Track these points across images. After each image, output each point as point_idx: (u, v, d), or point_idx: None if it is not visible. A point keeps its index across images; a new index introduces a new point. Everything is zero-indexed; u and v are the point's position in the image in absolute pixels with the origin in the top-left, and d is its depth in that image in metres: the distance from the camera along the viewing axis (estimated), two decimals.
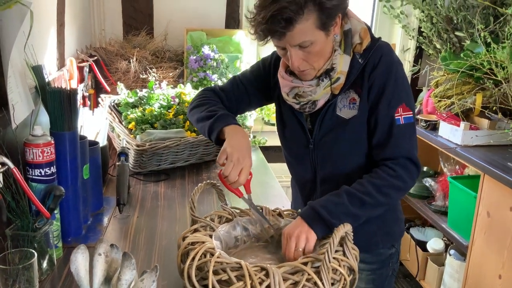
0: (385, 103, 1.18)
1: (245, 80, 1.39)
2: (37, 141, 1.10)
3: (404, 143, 1.19)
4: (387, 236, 1.35)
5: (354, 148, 1.25)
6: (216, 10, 2.56)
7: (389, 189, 1.15)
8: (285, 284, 0.93)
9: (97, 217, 1.43)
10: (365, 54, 1.19)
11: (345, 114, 1.23)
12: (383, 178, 1.15)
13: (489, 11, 2.57)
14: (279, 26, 1.07)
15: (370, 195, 1.13)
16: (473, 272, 2.14)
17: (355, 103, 1.21)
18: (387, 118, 1.18)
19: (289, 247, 1.08)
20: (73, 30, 2.04)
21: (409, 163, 1.18)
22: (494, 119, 2.28)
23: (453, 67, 2.38)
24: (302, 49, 1.13)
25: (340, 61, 1.18)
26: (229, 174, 1.11)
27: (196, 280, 0.96)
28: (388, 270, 1.38)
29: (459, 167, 2.62)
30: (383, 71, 1.18)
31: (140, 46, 2.31)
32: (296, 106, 1.26)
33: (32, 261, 0.97)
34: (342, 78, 1.19)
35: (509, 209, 1.89)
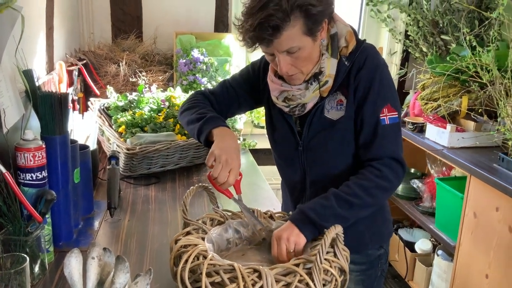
0: (370, 103, 1.20)
1: (234, 84, 1.41)
2: (28, 146, 1.10)
3: (389, 143, 1.21)
4: (375, 237, 1.37)
5: (342, 148, 1.27)
6: (205, 14, 2.57)
7: (376, 190, 1.17)
8: (277, 285, 0.94)
9: (87, 221, 1.43)
10: (351, 56, 1.22)
11: (333, 115, 1.25)
12: (370, 179, 1.17)
13: (474, 15, 2.61)
14: (267, 34, 1.09)
15: (357, 197, 1.15)
16: (461, 272, 2.18)
17: (342, 104, 1.24)
18: (373, 118, 1.21)
19: (280, 249, 1.09)
20: (62, 33, 2.03)
21: (395, 163, 1.20)
22: (480, 121, 2.32)
23: (440, 70, 2.42)
24: (290, 54, 1.15)
25: (328, 65, 1.21)
26: (218, 176, 1.12)
27: (189, 282, 0.97)
28: (377, 271, 1.39)
29: (446, 168, 2.66)
30: (369, 72, 1.21)
31: (129, 50, 2.31)
32: (286, 109, 1.28)
33: (24, 266, 0.96)
34: (330, 81, 1.22)
35: (495, 210, 1.92)
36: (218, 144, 1.17)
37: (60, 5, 1.98)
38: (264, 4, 1.07)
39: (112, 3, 2.44)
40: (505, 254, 1.87)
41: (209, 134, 1.23)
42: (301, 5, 1.08)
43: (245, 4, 1.13)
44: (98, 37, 2.44)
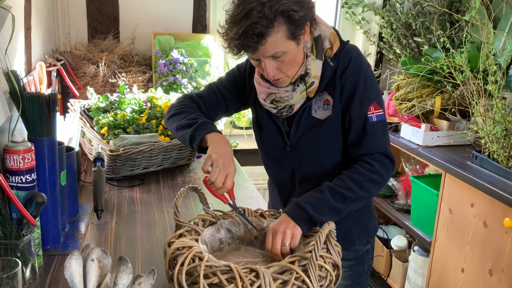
0: (357, 102, 1.24)
1: (221, 87, 1.42)
2: (18, 148, 1.07)
3: (378, 139, 1.25)
4: (363, 233, 1.40)
5: (330, 147, 1.30)
6: (183, 15, 2.56)
7: (368, 183, 1.20)
8: (275, 283, 0.96)
9: (74, 224, 1.41)
10: (335, 57, 1.26)
11: (320, 115, 1.28)
12: (362, 173, 1.20)
13: (445, 18, 2.70)
14: (252, 41, 1.11)
15: (351, 190, 1.18)
16: (437, 267, 2.25)
17: (329, 104, 1.27)
18: (361, 116, 1.24)
19: (276, 242, 1.10)
20: (39, 34, 1.99)
21: (385, 158, 1.24)
22: (453, 120, 2.40)
23: (413, 71, 2.49)
24: (275, 59, 1.17)
25: (314, 66, 1.24)
26: (215, 180, 1.12)
27: (186, 284, 0.97)
28: (365, 266, 1.43)
29: (420, 166, 2.73)
30: (353, 73, 1.24)
31: (107, 50, 2.27)
32: (274, 110, 1.31)
33: (17, 270, 0.95)
34: (316, 82, 1.25)
35: (470, 205, 1.99)
36: (215, 149, 1.17)
37: (36, 5, 1.93)
38: (248, 12, 1.09)
39: (88, 3, 2.40)
40: (480, 248, 1.94)
41: (203, 139, 1.23)
42: (284, 11, 1.10)
43: (227, 12, 1.15)
44: (74, 38, 2.40)
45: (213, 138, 1.21)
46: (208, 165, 1.14)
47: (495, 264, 1.86)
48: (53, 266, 1.18)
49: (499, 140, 1.95)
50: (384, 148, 1.25)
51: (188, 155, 1.93)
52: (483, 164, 2.04)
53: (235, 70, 1.43)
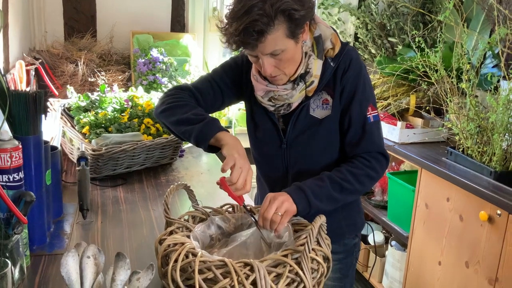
0: (357, 104, 1.27)
1: (218, 79, 1.39)
2: (5, 146, 1.05)
3: (375, 138, 1.29)
4: (351, 227, 1.44)
5: (327, 146, 1.32)
6: (161, 14, 2.55)
7: (364, 178, 1.25)
8: (269, 276, 0.97)
9: (58, 224, 1.39)
10: (336, 58, 1.27)
11: (319, 114, 1.30)
12: (360, 168, 1.25)
13: (418, 18, 2.78)
14: (251, 38, 1.11)
15: (348, 182, 1.22)
16: (414, 261, 2.31)
17: (328, 103, 1.29)
18: (360, 117, 1.27)
19: (270, 208, 1.11)
20: (16, 32, 1.95)
21: (381, 156, 1.28)
22: (428, 118, 2.47)
23: (389, 71, 2.55)
24: (274, 56, 1.18)
25: (315, 66, 1.25)
26: (237, 182, 1.11)
27: (181, 280, 0.97)
28: (353, 259, 1.46)
29: (395, 163, 2.80)
30: (354, 74, 1.27)
31: (85, 49, 2.24)
32: (271, 108, 1.31)
33: (6, 270, 0.93)
34: (316, 81, 1.26)
35: (446, 200, 2.06)
36: (235, 149, 1.15)
37: (12, 2, 1.89)
38: (248, 8, 1.09)
39: (64, 1, 2.36)
40: (457, 241, 2.01)
41: (214, 137, 1.20)
42: (285, 10, 1.11)
43: (228, 7, 1.14)
44: (51, 36, 2.35)
45: (229, 138, 1.19)
46: (229, 165, 1.12)
47: (471, 256, 1.93)
48: (40, 266, 1.16)
49: (472, 136, 2.02)
50: (380, 147, 1.30)
51: (170, 154, 1.93)
52: (457, 159, 2.11)
53: (231, 63, 1.42)
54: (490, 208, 1.81)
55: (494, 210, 1.79)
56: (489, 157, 1.95)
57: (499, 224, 1.78)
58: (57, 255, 1.21)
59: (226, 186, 1.13)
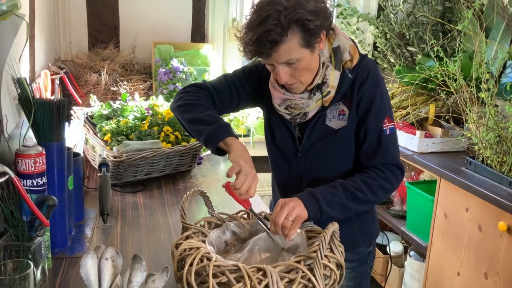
0: (373, 116, 1.28)
1: (237, 82, 1.41)
2: (29, 152, 1.10)
3: (391, 151, 1.30)
4: (365, 236, 1.44)
5: (342, 156, 1.34)
6: (182, 24, 2.61)
7: (378, 189, 1.25)
8: (281, 282, 0.99)
9: (79, 228, 1.43)
10: (354, 69, 1.28)
11: (335, 124, 1.32)
12: (375, 178, 1.25)
13: (438, 28, 2.77)
14: (265, 48, 1.14)
15: (362, 192, 1.23)
16: (433, 271, 2.28)
17: (345, 114, 1.30)
18: (376, 129, 1.28)
19: (281, 213, 1.13)
20: (42, 42, 2.02)
21: (396, 169, 1.29)
22: (447, 127, 2.45)
23: (408, 80, 2.55)
24: (289, 65, 1.20)
25: (332, 76, 1.26)
26: (241, 187, 1.14)
27: (196, 284, 0.99)
28: (367, 267, 1.46)
29: (415, 173, 2.78)
30: (371, 86, 1.28)
31: (108, 59, 2.31)
32: (288, 116, 1.33)
33: (29, 271, 0.97)
34: (332, 91, 1.28)
35: (465, 210, 2.04)
36: (241, 156, 1.18)
37: (39, 14, 1.97)
38: (264, 19, 1.12)
39: (88, 13, 2.44)
40: (476, 252, 1.99)
41: (223, 141, 1.23)
42: (298, 20, 1.13)
43: (246, 17, 1.18)
44: (75, 47, 2.43)
45: (237, 144, 1.22)
46: (235, 171, 1.15)
47: (490, 267, 1.90)
48: (61, 268, 1.20)
49: (492, 146, 2.01)
50: (396, 160, 1.30)
51: (189, 161, 1.96)
52: (477, 169, 2.09)
53: (252, 67, 1.43)
54: (510, 219, 1.79)
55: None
56: (509, 167, 1.93)
57: None
58: (78, 258, 1.24)
59: (230, 191, 1.17)
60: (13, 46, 1.28)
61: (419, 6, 2.82)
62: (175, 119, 1.96)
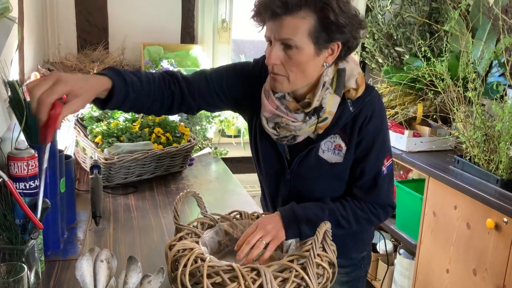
0: (373, 156, 1.21)
1: (215, 79, 1.26)
2: (22, 155, 1.10)
3: (386, 191, 1.25)
4: (358, 244, 1.42)
5: (334, 184, 1.29)
6: (171, 25, 2.60)
7: (365, 221, 1.24)
8: (275, 281, 1.00)
9: (72, 231, 1.43)
10: (357, 102, 1.17)
11: (328, 157, 1.23)
12: (365, 212, 1.23)
13: (425, 28, 2.81)
14: (274, 5, 1.04)
15: (347, 221, 1.21)
16: (423, 269, 2.31)
17: (341, 150, 1.22)
18: (374, 169, 1.22)
19: (254, 235, 1.11)
20: (31, 44, 2.01)
21: (389, 208, 1.27)
22: (435, 126, 2.49)
23: (396, 80, 2.57)
24: (285, 49, 1.09)
25: (330, 102, 1.15)
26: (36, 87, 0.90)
27: (190, 285, 1.00)
28: (361, 272, 1.45)
29: (403, 172, 2.81)
30: (375, 128, 1.19)
31: (98, 61, 2.30)
32: (274, 136, 1.23)
33: (23, 274, 0.97)
34: (329, 118, 1.17)
35: (453, 208, 2.07)
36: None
37: (27, 15, 1.96)
38: None
39: (77, 14, 2.42)
40: (464, 249, 2.02)
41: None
42: (321, 0, 1.03)
43: None
44: (64, 48, 2.42)
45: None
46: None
47: (479, 264, 1.93)
48: (55, 271, 1.20)
49: (479, 145, 2.04)
50: (389, 199, 1.26)
51: (180, 162, 1.97)
52: (464, 168, 2.13)
53: (237, 68, 1.30)
54: (497, 216, 1.82)
55: (501, 218, 1.80)
56: (496, 165, 1.96)
57: (506, 232, 1.79)
58: (71, 261, 1.25)
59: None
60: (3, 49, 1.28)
61: (406, 6, 2.85)
62: (166, 121, 1.96)
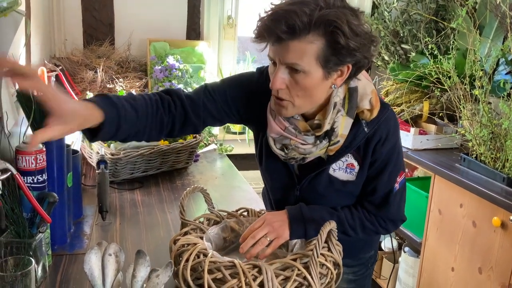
0: (386, 175, 1.18)
1: (218, 92, 1.20)
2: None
3: (398, 207, 1.23)
4: (367, 245, 1.42)
5: (344, 199, 1.25)
6: (177, 22, 2.60)
7: (372, 232, 1.24)
8: (277, 279, 0.99)
9: (78, 225, 1.43)
10: (372, 123, 1.12)
11: (340, 176, 1.19)
12: (374, 224, 1.22)
13: (431, 25, 2.79)
14: (278, 29, 0.95)
15: (354, 231, 1.21)
16: (427, 267, 2.31)
17: (354, 169, 1.18)
18: (387, 187, 1.19)
19: (260, 230, 1.11)
20: (37, 40, 2.01)
21: (399, 222, 1.26)
22: (441, 124, 2.48)
23: (402, 77, 2.57)
24: (291, 73, 1.02)
25: (342, 124, 1.10)
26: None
27: (191, 280, 1.00)
28: (369, 270, 1.45)
29: (409, 170, 2.81)
30: (390, 148, 1.15)
31: (104, 56, 2.31)
32: (282, 157, 1.18)
33: (30, 268, 0.97)
34: (341, 141, 1.13)
35: (459, 206, 2.06)
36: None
37: (34, 10, 1.96)
38: (298, 1, 0.96)
39: (83, 10, 2.43)
40: (470, 247, 2.01)
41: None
42: (330, 24, 0.94)
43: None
44: (70, 44, 2.42)
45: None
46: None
47: (484, 262, 1.93)
48: (62, 265, 1.20)
49: (486, 143, 2.03)
50: (399, 215, 1.25)
51: (185, 158, 1.97)
52: (470, 166, 2.12)
53: (240, 80, 1.23)
54: (503, 214, 1.81)
55: (507, 216, 1.79)
56: (502, 163, 1.95)
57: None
58: (78, 255, 1.26)
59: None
60: (9, 43, 1.28)
61: (413, 4, 2.84)
62: None
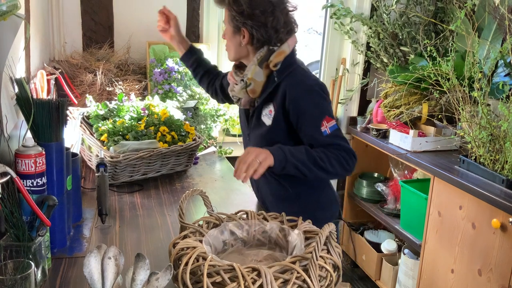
0: (310, 125, 1.44)
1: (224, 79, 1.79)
2: (29, 152, 1.10)
3: (338, 141, 1.44)
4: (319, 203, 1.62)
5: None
6: None
7: (335, 162, 1.40)
8: (276, 282, 0.99)
9: (78, 229, 1.43)
10: (279, 74, 1.48)
11: (266, 121, 1.53)
12: (335, 154, 1.41)
13: (430, 28, 2.80)
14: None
15: (322, 160, 1.39)
16: (427, 269, 2.31)
17: (271, 115, 1.50)
18: (316, 134, 1.43)
19: (248, 156, 1.31)
20: (37, 43, 2.02)
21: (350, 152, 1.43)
22: (440, 126, 2.48)
23: (401, 79, 2.57)
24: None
25: (253, 71, 1.48)
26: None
27: (191, 283, 1.00)
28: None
29: (408, 172, 2.81)
30: (299, 94, 1.44)
31: (103, 59, 2.31)
32: (233, 99, 1.62)
33: (30, 271, 0.97)
34: (253, 84, 1.49)
35: (459, 208, 2.07)
36: None
37: (33, 14, 1.96)
38: None
39: (83, 13, 2.43)
40: (469, 249, 2.01)
41: None
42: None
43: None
44: (70, 47, 2.42)
45: None
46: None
47: (484, 264, 1.93)
48: (61, 268, 1.20)
49: (485, 145, 2.03)
50: (345, 147, 1.43)
51: (185, 161, 1.97)
52: (470, 167, 2.12)
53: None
54: (503, 216, 1.82)
55: (507, 218, 1.79)
56: (501, 165, 1.96)
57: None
58: (77, 258, 1.26)
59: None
60: (9, 46, 1.28)
61: (411, 6, 2.85)
62: (171, 119, 1.97)
